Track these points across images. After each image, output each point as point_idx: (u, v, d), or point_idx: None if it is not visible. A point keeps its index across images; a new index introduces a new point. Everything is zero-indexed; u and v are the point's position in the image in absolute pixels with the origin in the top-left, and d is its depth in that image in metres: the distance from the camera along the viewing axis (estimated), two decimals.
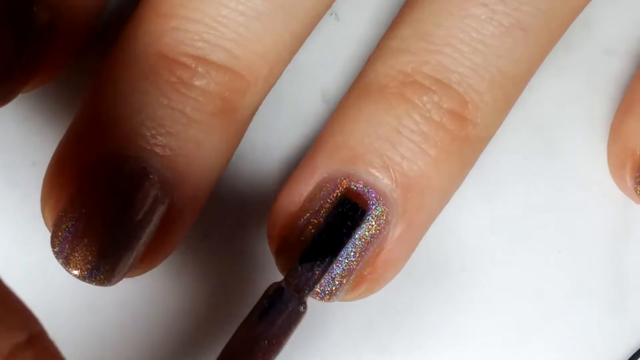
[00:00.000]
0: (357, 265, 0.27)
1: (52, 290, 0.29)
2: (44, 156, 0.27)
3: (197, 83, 0.26)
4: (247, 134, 0.29)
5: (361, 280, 0.27)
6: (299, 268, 0.25)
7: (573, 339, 0.30)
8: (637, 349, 0.30)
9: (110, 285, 0.26)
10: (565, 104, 0.31)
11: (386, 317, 0.30)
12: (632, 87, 0.30)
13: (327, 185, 0.27)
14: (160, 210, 0.26)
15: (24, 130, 0.30)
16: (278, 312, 0.25)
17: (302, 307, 0.25)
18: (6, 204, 0.29)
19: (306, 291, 0.25)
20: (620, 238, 0.30)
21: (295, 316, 0.25)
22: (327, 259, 0.26)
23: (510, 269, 0.30)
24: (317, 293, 0.27)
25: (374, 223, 0.26)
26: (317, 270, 0.26)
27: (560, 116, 0.31)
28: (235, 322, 0.26)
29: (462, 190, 0.30)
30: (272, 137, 0.30)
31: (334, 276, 0.26)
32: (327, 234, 0.26)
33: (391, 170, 0.27)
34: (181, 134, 0.26)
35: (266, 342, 0.24)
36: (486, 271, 0.30)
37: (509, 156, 0.30)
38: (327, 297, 0.27)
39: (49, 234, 0.26)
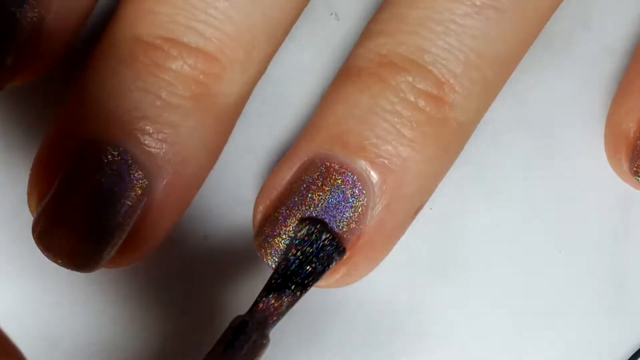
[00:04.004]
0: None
1: (52, 288, 0.29)
2: None
3: (171, 66, 0.26)
4: (246, 133, 0.29)
5: (339, 265, 0.27)
6: (263, 301, 0.25)
7: (573, 338, 0.30)
8: (637, 349, 0.30)
9: (91, 271, 0.26)
10: (565, 103, 0.31)
11: (387, 317, 0.30)
12: (625, 74, 0.30)
13: (309, 168, 0.27)
14: (140, 195, 0.26)
15: (25, 128, 0.30)
16: (241, 345, 0.25)
17: (264, 340, 0.25)
18: (7, 203, 0.29)
19: (270, 323, 0.25)
20: (620, 238, 0.30)
21: (258, 348, 0.25)
22: (295, 292, 0.26)
23: (511, 268, 0.30)
24: None
25: (353, 204, 0.26)
26: (283, 303, 0.25)
27: (560, 115, 0.31)
28: None
29: (462, 190, 0.30)
30: (272, 137, 0.30)
31: None
32: (294, 266, 0.26)
33: (367, 150, 0.27)
34: (157, 118, 0.26)
35: None
36: (486, 271, 0.30)
37: (509, 156, 0.30)
38: None
39: None
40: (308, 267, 0.26)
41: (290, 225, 0.27)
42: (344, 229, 0.27)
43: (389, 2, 0.28)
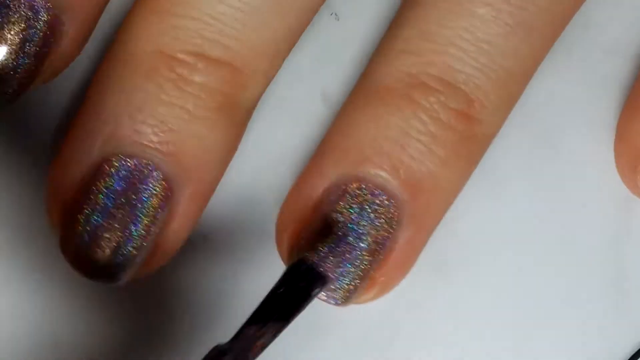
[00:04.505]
0: (370, 267, 0.27)
1: (53, 288, 0.29)
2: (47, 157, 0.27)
3: (197, 79, 0.26)
4: (247, 134, 0.29)
5: (373, 283, 0.27)
6: (243, 332, 0.24)
7: (573, 339, 0.30)
8: (637, 348, 0.30)
9: (118, 283, 0.26)
10: (566, 104, 0.31)
11: (387, 317, 0.30)
12: (636, 87, 0.30)
13: (338, 188, 0.27)
14: (166, 207, 0.26)
15: (29, 133, 0.30)
16: None
17: None
18: (7, 203, 0.29)
19: (249, 357, 0.24)
20: (621, 238, 0.30)
21: None
22: (278, 323, 0.25)
23: (511, 268, 0.30)
24: (332, 298, 0.27)
25: (385, 226, 0.27)
26: (265, 335, 0.24)
27: (560, 116, 0.31)
28: (234, 322, 0.26)
29: (463, 190, 0.30)
30: (272, 138, 0.30)
31: (349, 281, 0.27)
32: (280, 297, 0.25)
33: (401, 171, 0.27)
34: (184, 130, 0.26)
35: None
36: (486, 271, 0.30)
37: (509, 156, 0.30)
38: (342, 302, 0.27)
39: (48, 231, 0.26)
40: (293, 300, 0.25)
41: (321, 249, 0.26)
42: (374, 244, 0.27)
43: (412, 17, 0.27)
